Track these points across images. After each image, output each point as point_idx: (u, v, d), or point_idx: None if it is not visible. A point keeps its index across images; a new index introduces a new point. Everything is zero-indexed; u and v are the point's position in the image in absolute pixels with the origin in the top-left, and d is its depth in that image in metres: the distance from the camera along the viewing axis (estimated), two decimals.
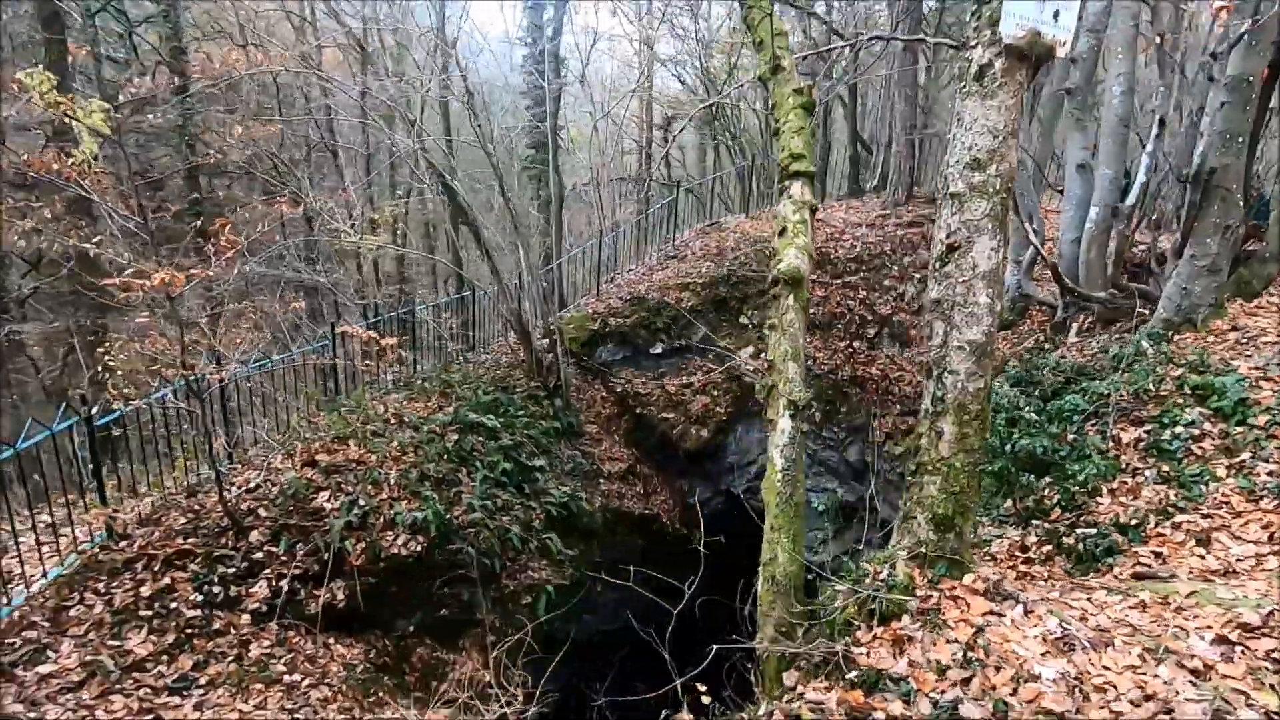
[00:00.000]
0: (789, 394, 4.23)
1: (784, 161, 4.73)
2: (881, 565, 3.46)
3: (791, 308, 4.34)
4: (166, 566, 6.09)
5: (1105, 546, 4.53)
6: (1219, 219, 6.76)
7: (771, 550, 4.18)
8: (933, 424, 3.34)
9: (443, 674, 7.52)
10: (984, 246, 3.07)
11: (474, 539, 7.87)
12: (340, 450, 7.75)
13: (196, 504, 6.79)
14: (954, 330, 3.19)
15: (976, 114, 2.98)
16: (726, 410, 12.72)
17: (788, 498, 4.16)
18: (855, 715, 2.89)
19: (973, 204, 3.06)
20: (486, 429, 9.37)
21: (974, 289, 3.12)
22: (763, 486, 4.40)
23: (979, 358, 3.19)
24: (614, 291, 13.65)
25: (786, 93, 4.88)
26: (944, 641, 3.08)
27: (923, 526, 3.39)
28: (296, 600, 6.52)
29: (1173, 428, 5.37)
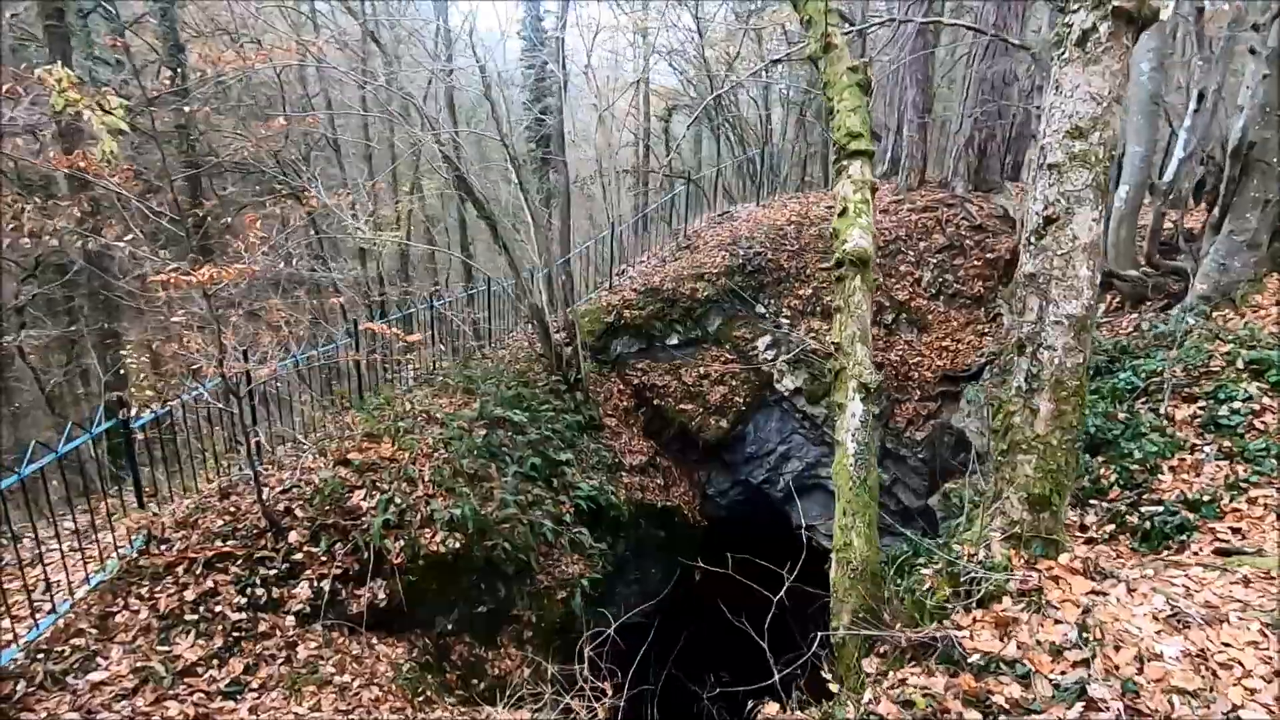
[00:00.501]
0: (858, 376, 4.15)
1: (841, 140, 4.64)
2: (976, 546, 3.40)
3: (858, 289, 4.26)
4: (208, 569, 5.98)
5: (1176, 524, 4.49)
6: (1258, 193, 6.71)
7: (846, 536, 4.11)
8: (1026, 401, 3.27)
9: (482, 671, 7.45)
10: (1084, 218, 3.00)
11: (509, 534, 7.78)
12: (372, 448, 7.64)
13: (232, 506, 6.67)
14: (1051, 305, 3.12)
15: (1078, 80, 2.91)
16: (745, 400, 12.66)
17: (861, 481, 4.09)
18: (971, 700, 2.82)
19: (1073, 174, 2.99)
20: (513, 423, 9.28)
21: (1073, 262, 3.05)
22: (832, 471, 4.33)
23: (1078, 332, 3.12)
24: (627, 284, 13.56)
25: (840, 70, 4.79)
26: (1051, 622, 3.02)
27: (1016, 506, 3.33)
28: (338, 600, 6.43)
29: (1229, 403, 5.34)
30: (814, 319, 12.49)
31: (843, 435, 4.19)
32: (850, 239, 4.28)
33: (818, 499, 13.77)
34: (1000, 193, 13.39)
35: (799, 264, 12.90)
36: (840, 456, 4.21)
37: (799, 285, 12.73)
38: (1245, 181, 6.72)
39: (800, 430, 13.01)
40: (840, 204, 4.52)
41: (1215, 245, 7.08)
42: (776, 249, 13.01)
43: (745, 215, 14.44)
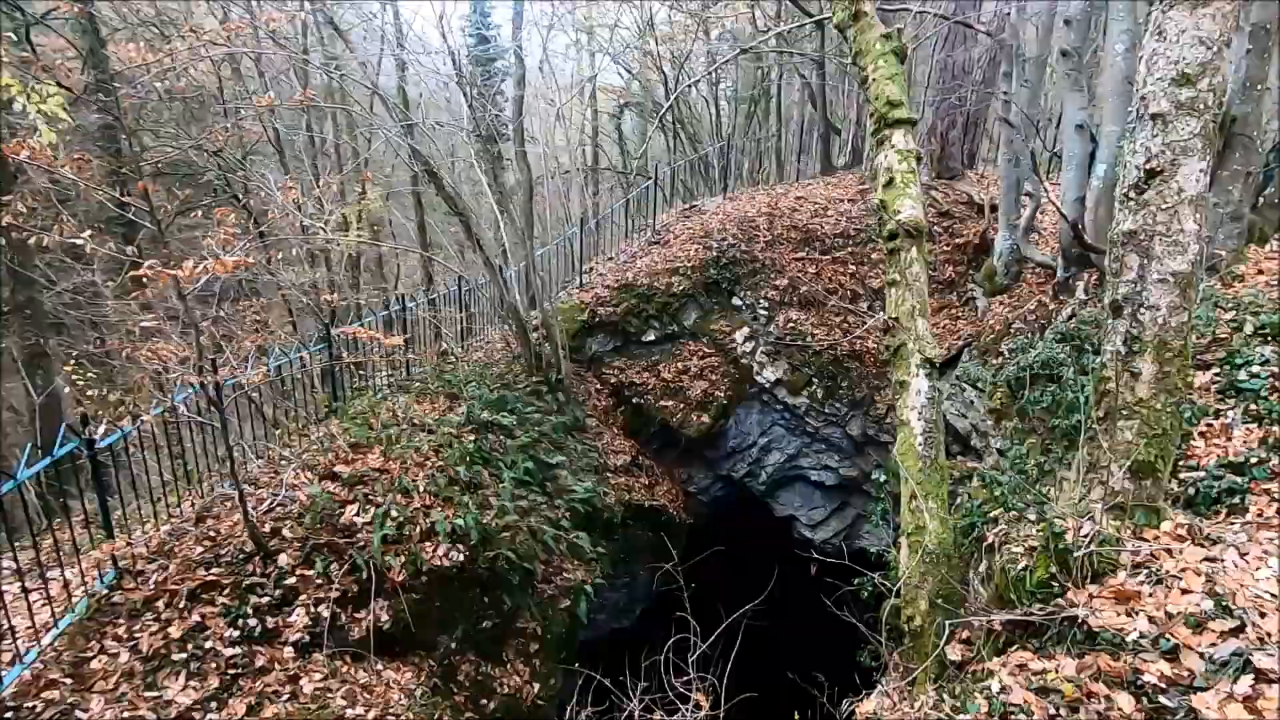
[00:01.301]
0: (921, 351, 3.98)
1: (880, 110, 4.48)
2: (1079, 519, 3.26)
3: (915, 260, 4.09)
4: (192, 602, 5.37)
5: (1224, 488, 4.48)
6: (1240, 165, 6.92)
7: (917, 519, 3.92)
8: (1126, 365, 3.15)
9: (490, 690, 7.01)
10: (1191, 169, 2.90)
11: (511, 543, 7.36)
12: (359, 459, 7.10)
13: (210, 530, 6.04)
14: (1153, 262, 3.00)
15: (1184, 25, 2.79)
16: (726, 394, 12.50)
17: (931, 461, 3.92)
18: (1115, 681, 2.65)
19: (1179, 123, 2.87)
20: (501, 427, 8.84)
21: (1179, 216, 2.94)
22: (896, 453, 4.15)
23: (1183, 290, 3.02)
24: (598, 281, 13.22)
25: (872, 39, 4.63)
26: (1178, 593, 2.90)
27: (1116, 475, 3.21)
28: (338, 626, 5.89)
29: (1247, 367, 5.42)
30: (792, 310, 12.44)
31: (907, 414, 4.00)
32: (903, 209, 4.11)
33: (799, 490, 13.77)
34: (962, 180, 13.66)
35: (773, 255, 12.84)
36: (905, 437, 4.02)
37: (775, 276, 12.66)
38: (1228, 155, 6.92)
39: (781, 422, 12.95)
40: (885, 175, 4.34)
41: None
42: (750, 241, 12.91)
43: (714, 209, 14.31)
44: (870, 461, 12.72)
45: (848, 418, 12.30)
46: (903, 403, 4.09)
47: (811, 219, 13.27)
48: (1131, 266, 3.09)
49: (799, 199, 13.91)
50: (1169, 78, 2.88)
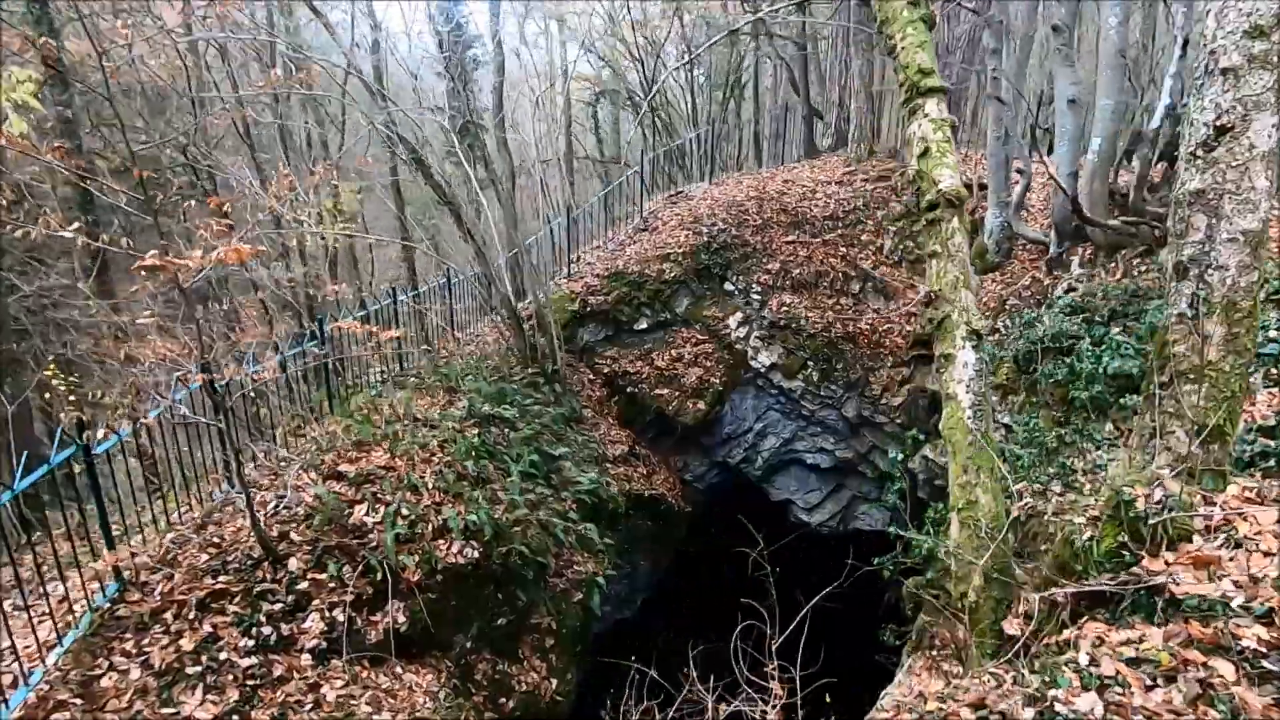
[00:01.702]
0: (967, 323, 3.90)
1: (912, 78, 4.38)
2: (1148, 486, 3.21)
3: (957, 230, 4.00)
4: (202, 612, 5.11)
5: (1257, 451, 4.51)
6: None
7: (968, 494, 3.86)
8: (1193, 327, 3.11)
9: (509, 688, 6.85)
10: (1264, 124, 2.84)
11: (523, 538, 7.18)
12: (363, 457, 6.85)
13: (214, 536, 5.77)
14: (1222, 221, 2.95)
15: None
16: (722, 380, 12.42)
17: (982, 435, 3.85)
18: (1211, 648, 2.60)
19: (1252, 77, 2.82)
20: (504, 420, 8.64)
21: (1249, 173, 2.89)
22: (943, 428, 4.07)
23: (1254, 248, 2.97)
24: (587, 270, 13.02)
25: (899, 7, 4.53)
26: (1260, 555, 2.87)
27: (1183, 440, 3.17)
28: (354, 630, 5.67)
29: (1264, 332, 5.48)
30: (785, 293, 12.39)
31: (954, 388, 3.93)
32: (942, 179, 4.02)
33: (795, 474, 13.78)
34: None
35: (764, 239, 12.76)
36: (953, 411, 3.95)
37: (766, 260, 12.59)
38: None
39: (776, 407, 12.92)
40: (919, 145, 4.25)
41: None
42: (740, 225, 12.81)
43: (700, 194, 14.18)
44: (865, 443, 12.77)
45: (843, 400, 12.32)
46: (948, 376, 4.01)
47: (800, 202, 13.22)
48: (1198, 227, 3.04)
49: (786, 182, 13.85)
50: (1241, 30, 2.82)
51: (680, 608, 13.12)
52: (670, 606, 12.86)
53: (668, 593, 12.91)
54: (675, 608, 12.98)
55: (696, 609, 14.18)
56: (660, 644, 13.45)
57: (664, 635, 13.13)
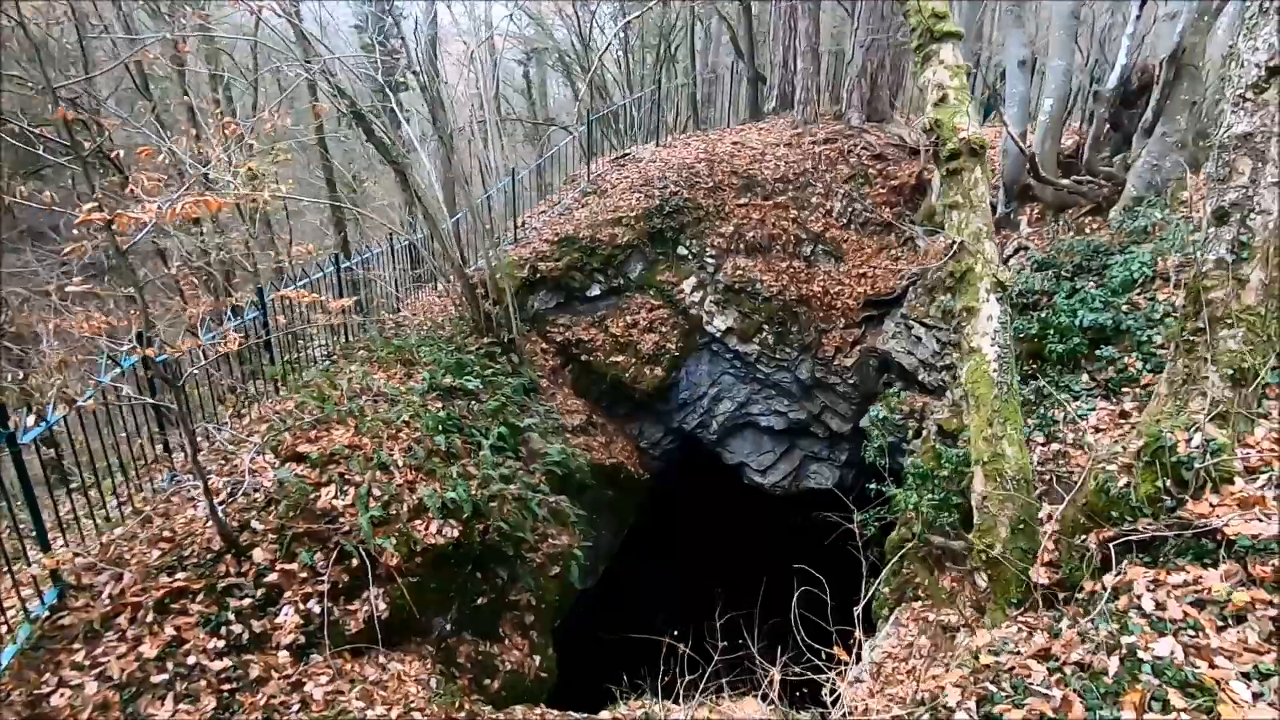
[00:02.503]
0: (991, 274, 3.84)
1: (925, 23, 4.23)
2: (1188, 431, 3.25)
3: (980, 180, 3.92)
4: (162, 614, 4.59)
5: None
6: (1187, 96, 7.27)
7: (994, 446, 3.84)
8: (1232, 272, 3.13)
9: (493, 669, 6.58)
10: None
11: (500, 514, 6.86)
12: (324, 436, 6.33)
13: (165, 529, 5.19)
14: (1268, 165, 2.96)
15: None
16: (678, 345, 12.29)
17: (1008, 387, 3.82)
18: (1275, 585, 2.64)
19: None
20: (467, 392, 8.22)
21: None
22: (966, 381, 4.03)
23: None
24: (534, 235, 12.55)
25: None
26: None
27: (1218, 384, 3.21)
28: (333, 621, 5.26)
29: None
30: (739, 256, 12.32)
31: (979, 340, 3.88)
32: (964, 127, 3.91)
33: (749, 437, 13.90)
34: (890, 122, 13.87)
35: (716, 202, 12.60)
36: (977, 364, 3.90)
37: (719, 223, 12.45)
38: (1177, 85, 7.25)
39: (731, 371, 12.92)
40: (936, 92, 4.13)
41: (1148, 147, 7.64)
42: (692, 188, 12.59)
43: (649, 156, 13.83)
44: (818, 404, 12.97)
45: (797, 362, 12.43)
46: (971, 329, 3.96)
47: (750, 165, 13.10)
48: (1243, 171, 3.04)
49: (736, 144, 13.68)
50: None
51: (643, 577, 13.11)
52: (633, 576, 12.81)
53: (629, 562, 12.85)
54: (638, 577, 12.95)
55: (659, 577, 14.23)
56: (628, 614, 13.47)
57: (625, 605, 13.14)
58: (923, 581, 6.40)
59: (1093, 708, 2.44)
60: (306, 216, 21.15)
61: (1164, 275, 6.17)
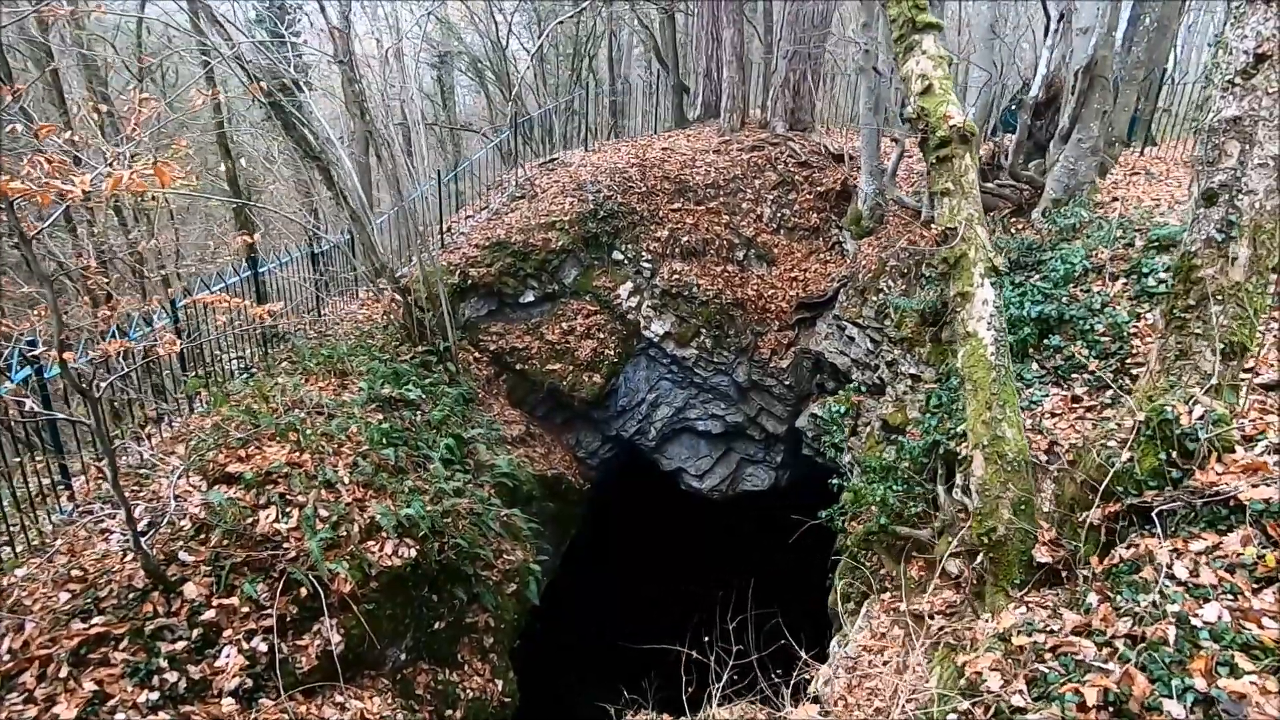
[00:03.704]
0: (986, 259, 3.89)
1: (906, 14, 4.27)
2: (1186, 404, 3.36)
3: (969, 166, 3.97)
4: (79, 666, 3.91)
5: None
6: (1099, 105, 7.83)
7: (994, 429, 3.87)
8: (1221, 250, 3.27)
9: (454, 698, 6.11)
10: None
11: (457, 530, 6.40)
12: (256, 454, 5.69)
13: (71, 567, 4.46)
14: (1254, 148, 3.12)
15: None
16: (617, 351, 12.09)
17: (1004, 370, 3.87)
18: None
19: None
20: (408, 403, 7.68)
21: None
22: (962, 367, 4.05)
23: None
24: (462, 240, 12.05)
25: None
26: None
27: (1209, 358, 3.35)
28: (281, 660, 4.68)
29: (1151, 275, 6.15)
30: (675, 261, 12.28)
31: (974, 325, 3.91)
32: (953, 115, 3.96)
33: (685, 443, 13.85)
34: (813, 131, 14.31)
35: (650, 206, 12.53)
36: (974, 348, 3.93)
37: (654, 228, 12.38)
38: (1090, 95, 7.79)
39: (668, 376, 12.85)
40: (920, 82, 4.16)
41: (1065, 152, 8.16)
42: (625, 192, 12.47)
43: (578, 161, 13.61)
44: (755, 406, 13.09)
45: (734, 365, 12.50)
46: (966, 315, 3.99)
47: (681, 170, 13.13)
48: (1231, 154, 3.20)
49: (666, 150, 13.69)
50: None
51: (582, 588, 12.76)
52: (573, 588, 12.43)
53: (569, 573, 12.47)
54: (577, 589, 12.58)
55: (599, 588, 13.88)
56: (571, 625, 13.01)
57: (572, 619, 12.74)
58: (890, 572, 6.46)
59: (1160, 678, 2.43)
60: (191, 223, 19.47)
61: (1097, 269, 6.56)
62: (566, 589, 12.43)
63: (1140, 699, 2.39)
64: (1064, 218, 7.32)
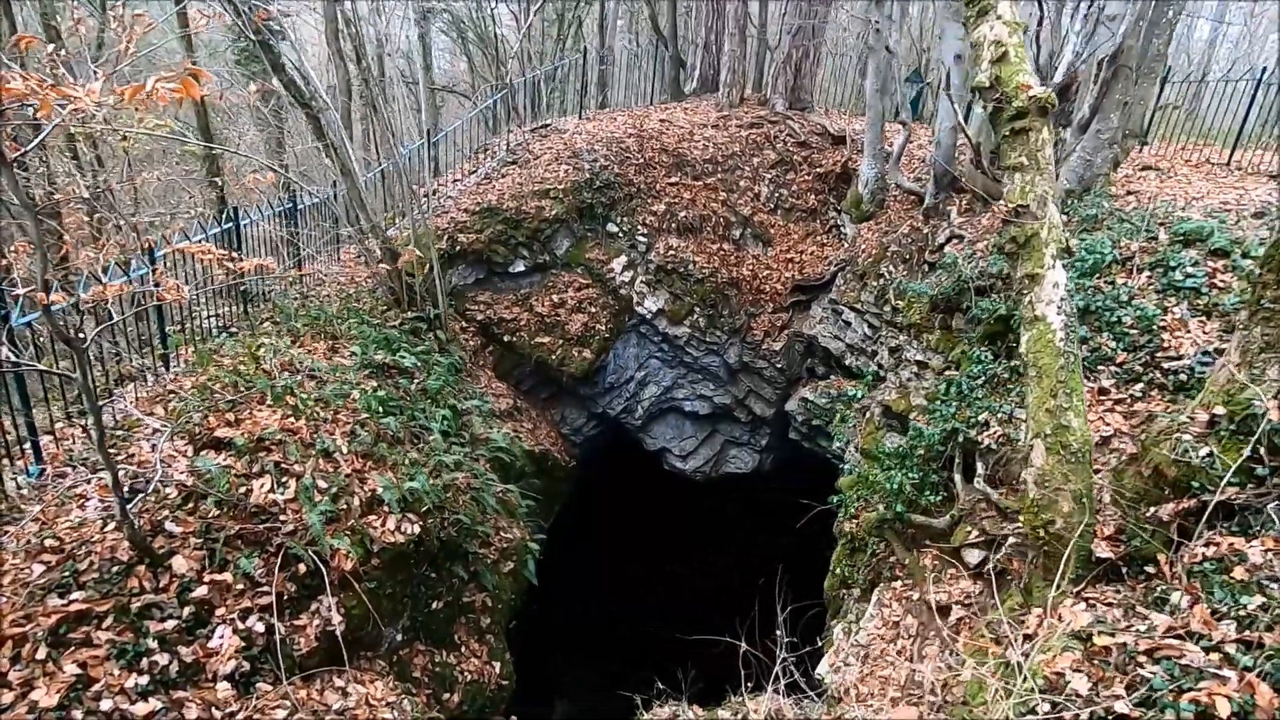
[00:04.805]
0: (1058, 240, 3.70)
1: None
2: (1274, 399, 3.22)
3: (1046, 141, 3.76)
4: (59, 647, 3.51)
5: None
6: (1121, 95, 7.73)
7: (1058, 419, 3.71)
8: None
9: (451, 681, 5.83)
10: None
11: (459, 505, 6.07)
12: (247, 419, 5.25)
13: (46, 538, 4.02)
14: None
15: None
16: (608, 327, 11.76)
17: (1073, 357, 3.70)
18: None
19: None
20: (402, 370, 7.27)
21: None
22: (1027, 352, 3.86)
23: None
24: (450, 204, 11.53)
25: None
26: None
27: None
28: (281, 640, 4.33)
29: (1179, 269, 6.09)
30: (671, 236, 11.96)
31: (1043, 309, 3.73)
32: (1032, 84, 3.73)
33: (671, 423, 13.64)
34: (812, 112, 14.07)
35: (647, 179, 12.16)
36: (1041, 333, 3.75)
37: (651, 201, 12.03)
38: (1113, 85, 7.68)
39: (658, 354, 12.58)
40: (994, 49, 3.93)
41: (1083, 143, 8.07)
42: (622, 163, 12.07)
43: (573, 128, 13.13)
44: (743, 388, 12.93)
45: (727, 345, 12.30)
46: (1034, 297, 3.80)
47: (679, 143, 12.77)
48: None
49: (663, 122, 13.29)
50: None
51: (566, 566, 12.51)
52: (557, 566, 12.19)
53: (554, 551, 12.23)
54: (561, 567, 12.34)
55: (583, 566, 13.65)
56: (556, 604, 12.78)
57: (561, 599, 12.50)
58: (901, 560, 6.35)
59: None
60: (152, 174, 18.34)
61: (1121, 261, 6.48)
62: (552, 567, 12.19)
63: (1269, 710, 2.24)
64: (1085, 208, 7.22)
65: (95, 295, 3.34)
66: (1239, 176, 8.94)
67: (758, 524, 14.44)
